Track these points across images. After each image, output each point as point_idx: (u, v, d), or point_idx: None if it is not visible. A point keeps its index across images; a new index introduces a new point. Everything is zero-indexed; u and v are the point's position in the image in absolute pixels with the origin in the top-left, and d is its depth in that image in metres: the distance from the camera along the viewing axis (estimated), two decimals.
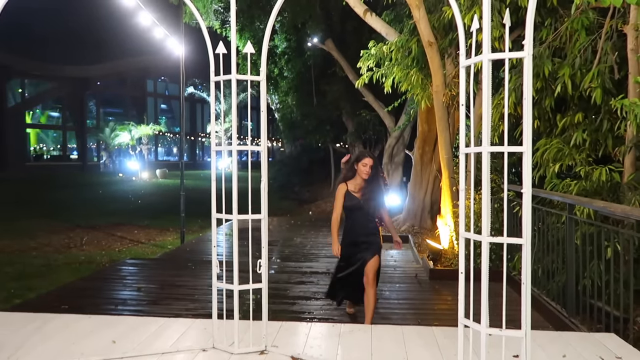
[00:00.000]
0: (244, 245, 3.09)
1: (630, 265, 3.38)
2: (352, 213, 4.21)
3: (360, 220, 4.17)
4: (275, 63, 17.21)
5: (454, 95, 6.44)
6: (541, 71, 4.79)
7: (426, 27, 6.19)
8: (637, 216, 3.15)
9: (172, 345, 3.12)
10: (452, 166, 6.67)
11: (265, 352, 3.03)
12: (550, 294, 4.45)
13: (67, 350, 3.03)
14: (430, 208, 9.99)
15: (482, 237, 2.38)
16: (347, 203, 4.16)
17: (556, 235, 4.41)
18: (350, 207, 4.20)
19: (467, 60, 2.50)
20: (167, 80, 42.69)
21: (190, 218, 10.02)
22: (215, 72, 3.02)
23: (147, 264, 6.92)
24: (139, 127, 28.08)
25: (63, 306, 4.36)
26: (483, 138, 2.36)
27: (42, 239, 9.97)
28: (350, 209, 4.20)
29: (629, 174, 4.21)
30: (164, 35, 9.53)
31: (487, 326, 2.35)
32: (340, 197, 4.19)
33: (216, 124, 16.86)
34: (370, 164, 4.10)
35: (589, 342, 3.24)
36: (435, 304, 4.95)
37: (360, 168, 4.12)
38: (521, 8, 5.01)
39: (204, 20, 3.33)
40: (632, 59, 4.14)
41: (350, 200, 4.17)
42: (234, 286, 3.02)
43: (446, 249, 6.59)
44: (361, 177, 4.14)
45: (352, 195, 4.16)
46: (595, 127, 4.68)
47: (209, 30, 9.93)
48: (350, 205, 4.18)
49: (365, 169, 4.10)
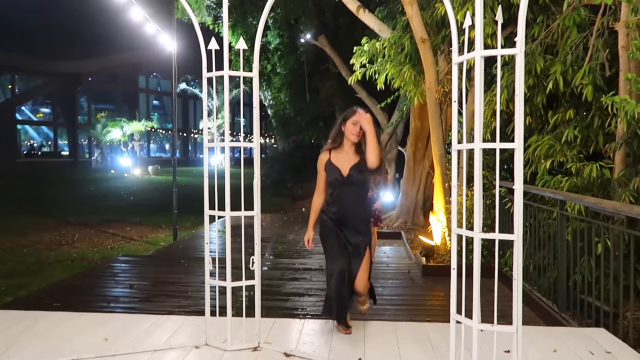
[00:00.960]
0: (236, 242, 3.09)
1: (620, 261, 3.41)
2: (335, 192, 3.26)
3: (345, 203, 3.24)
4: (268, 59, 17.16)
5: (447, 91, 6.46)
6: (533, 68, 4.81)
7: (419, 23, 6.19)
8: (627, 212, 3.18)
9: (164, 343, 3.12)
10: (444, 163, 6.70)
11: (259, 348, 3.03)
12: (541, 290, 4.49)
13: (58, 348, 3.01)
14: (422, 204, 10.02)
15: (474, 233, 2.39)
16: (329, 177, 3.25)
17: (547, 231, 4.44)
18: (332, 183, 3.25)
19: (459, 57, 2.50)
20: (159, 76, 42.43)
21: (182, 215, 9.97)
22: (208, 68, 3.01)
23: (139, 261, 6.89)
24: (131, 123, 27.90)
25: (54, 304, 4.34)
26: (475, 134, 2.37)
27: (33, 236, 9.89)
28: (332, 185, 3.26)
29: (619, 170, 4.24)
30: (156, 31, 9.46)
31: (479, 322, 2.37)
32: (320, 170, 3.30)
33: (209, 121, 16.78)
34: (362, 122, 3.14)
35: (579, 337, 3.28)
36: (427, 300, 4.98)
37: (349, 128, 3.18)
38: (513, 5, 5.02)
39: (196, 16, 3.32)
40: (623, 56, 4.16)
41: (332, 173, 3.22)
42: (227, 283, 3.02)
43: (438, 245, 6.62)
44: (350, 142, 3.21)
45: (334, 167, 3.22)
46: (586, 123, 4.71)
47: (201, 26, 9.87)
48: (332, 180, 3.23)
49: (354, 130, 3.16)
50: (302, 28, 15.20)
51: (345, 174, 3.19)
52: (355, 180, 3.20)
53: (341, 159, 3.23)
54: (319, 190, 3.35)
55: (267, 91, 18.41)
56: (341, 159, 3.23)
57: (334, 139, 3.28)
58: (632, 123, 3.83)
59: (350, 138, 3.20)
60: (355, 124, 3.15)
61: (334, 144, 3.27)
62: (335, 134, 3.28)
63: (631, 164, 4.23)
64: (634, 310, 3.34)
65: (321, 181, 3.32)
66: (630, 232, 3.24)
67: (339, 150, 3.26)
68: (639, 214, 3.06)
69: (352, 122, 3.16)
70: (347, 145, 3.24)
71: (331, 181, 3.25)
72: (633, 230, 3.27)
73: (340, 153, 3.26)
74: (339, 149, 3.26)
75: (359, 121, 3.14)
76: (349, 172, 3.18)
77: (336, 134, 3.27)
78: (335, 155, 3.26)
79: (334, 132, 3.29)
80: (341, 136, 3.24)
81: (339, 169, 3.21)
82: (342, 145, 3.25)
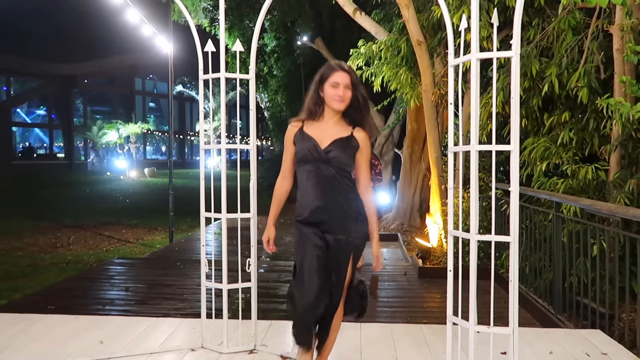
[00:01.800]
0: (233, 244, 3.08)
1: (615, 262, 3.43)
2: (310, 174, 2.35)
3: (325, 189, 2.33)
4: (265, 61, 17.16)
5: (443, 94, 6.47)
6: (529, 70, 4.83)
7: (415, 26, 6.21)
8: (622, 214, 3.19)
9: (160, 345, 3.10)
10: (440, 165, 6.71)
11: (255, 351, 3.02)
12: (537, 292, 4.50)
13: (53, 351, 3.00)
14: (419, 206, 10.03)
15: (471, 235, 2.39)
16: (300, 151, 2.37)
17: (543, 233, 4.45)
18: (304, 159, 2.36)
19: (455, 60, 2.51)
20: (155, 79, 42.36)
21: (179, 217, 9.95)
22: (204, 70, 3.01)
23: (135, 263, 6.86)
24: (127, 125, 27.83)
25: (49, 306, 4.31)
26: (471, 137, 2.38)
27: (28, 238, 9.84)
28: (304, 161, 2.36)
29: (615, 172, 4.26)
30: (152, 33, 9.45)
31: (476, 323, 2.37)
32: (287, 145, 2.44)
33: (205, 123, 16.78)
34: (345, 82, 2.33)
35: (575, 338, 3.28)
36: (424, 302, 4.98)
37: (329, 93, 2.34)
38: (509, 8, 5.05)
39: (192, 18, 3.31)
40: (618, 59, 4.19)
41: (304, 145, 2.35)
42: (223, 285, 3.01)
43: (435, 247, 6.62)
44: (332, 109, 2.36)
45: (307, 137, 2.35)
46: (581, 126, 4.73)
47: (198, 28, 9.85)
48: (304, 154, 2.35)
49: (337, 92, 2.33)
50: (298, 30, 15.22)
51: (324, 146, 2.32)
52: (337, 160, 2.31)
53: (319, 130, 2.36)
54: (284, 172, 2.48)
55: (263, 93, 18.42)
56: (319, 130, 2.36)
57: (312, 110, 2.39)
58: (627, 125, 3.85)
59: (333, 105, 2.34)
60: (336, 86, 2.33)
61: (311, 116, 2.40)
62: (313, 102, 2.39)
63: (626, 166, 4.25)
64: (629, 311, 3.35)
65: (288, 159, 2.44)
66: (626, 234, 3.25)
67: (313, 123, 2.40)
68: (634, 216, 3.07)
69: (331, 85, 2.33)
70: (329, 115, 2.38)
71: (302, 156, 2.34)
72: (628, 232, 3.28)
73: (319, 123, 2.39)
74: (314, 121, 2.40)
75: (339, 83, 2.32)
76: (328, 146, 2.31)
77: (314, 102, 2.39)
78: (311, 125, 2.39)
79: (311, 101, 2.40)
80: (320, 104, 2.38)
81: (314, 139, 2.33)
82: (322, 116, 2.39)
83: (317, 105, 2.40)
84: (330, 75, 2.36)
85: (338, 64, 2.40)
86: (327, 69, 2.39)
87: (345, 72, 2.36)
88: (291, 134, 2.42)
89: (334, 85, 2.34)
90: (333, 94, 2.34)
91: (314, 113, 2.40)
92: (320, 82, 2.39)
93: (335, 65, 2.40)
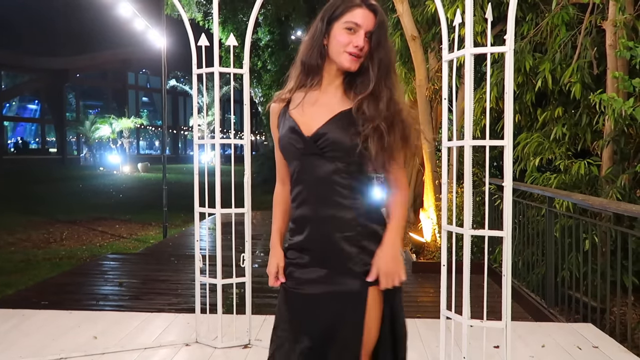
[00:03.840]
0: (227, 239, 3.08)
1: (607, 257, 3.46)
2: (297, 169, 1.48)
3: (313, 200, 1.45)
4: (259, 56, 17.10)
5: (437, 89, 6.47)
6: (522, 66, 4.84)
7: (409, 21, 6.20)
8: (614, 209, 3.22)
9: (154, 340, 3.10)
10: (434, 160, 6.72)
11: (249, 346, 3.03)
12: (530, 286, 4.53)
13: (47, 346, 2.99)
14: (413, 202, 10.05)
15: (464, 230, 2.41)
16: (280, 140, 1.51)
17: (536, 227, 4.48)
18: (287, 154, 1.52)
19: (449, 55, 2.51)
20: (148, 73, 42.13)
21: (173, 212, 9.92)
22: (198, 64, 2.99)
23: (129, 258, 6.84)
24: (120, 120, 27.69)
25: (42, 302, 4.29)
26: (465, 132, 2.39)
27: (20, 234, 9.78)
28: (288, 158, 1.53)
29: (607, 167, 4.29)
30: (145, 27, 9.38)
31: (469, 318, 2.39)
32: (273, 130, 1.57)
33: (199, 117, 16.70)
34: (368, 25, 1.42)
35: (567, 332, 3.32)
36: (417, 296, 5.00)
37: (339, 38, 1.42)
38: (503, 3, 5.05)
39: (186, 12, 3.29)
40: (610, 55, 4.20)
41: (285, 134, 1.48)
42: (218, 280, 3.01)
43: (429, 242, 6.65)
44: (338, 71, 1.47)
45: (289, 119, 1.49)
46: (574, 121, 4.76)
47: (192, 22, 9.80)
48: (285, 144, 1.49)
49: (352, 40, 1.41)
50: (292, 25, 15.19)
51: (310, 131, 1.44)
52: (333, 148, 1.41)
53: (309, 106, 1.48)
54: (280, 175, 1.63)
55: (257, 88, 18.36)
56: (309, 106, 1.48)
57: (311, 67, 1.48)
58: (620, 121, 3.87)
59: (342, 61, 1.44)
60: (353, 31, 1.42)
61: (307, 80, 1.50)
62: (314, 54, 1.47)
63: (618, 161, 4.28)
64: (620, 305, 3.38)
65: (279, 156, 1.59)
66: (617, 229, 3.27)
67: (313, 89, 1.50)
68: (625, 211, 3.10)
69: (346, 26, 1.42)
70: (329, 78, 1.48)
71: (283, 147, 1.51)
72: (620, 227, 3.31)
73: (310, 95, 1.49)
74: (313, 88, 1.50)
75: (360, 25, 1.42)
76: (319, 129, 1.43)
77: (315, 55, 1.47)
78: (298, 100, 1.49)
79: (309, 52, 1.48)
80: (320, 63, 1.47)
81: (295, 122, 1.47)
82: (320, 82, 1.49)
83: (313, 65, 1.47)
84: (347, 10, 1.43)
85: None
86: (344, 1, 1.44)
87: (372, 10, 1.43)
88: (274, 116, 1.56)
89: (349, 28, 1.42)
90: (346, 42, 1.42)
91: (313, 72, 1.48)
92: (329, 20, 1.45)
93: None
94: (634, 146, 4.27)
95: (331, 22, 1.45)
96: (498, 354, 2.86)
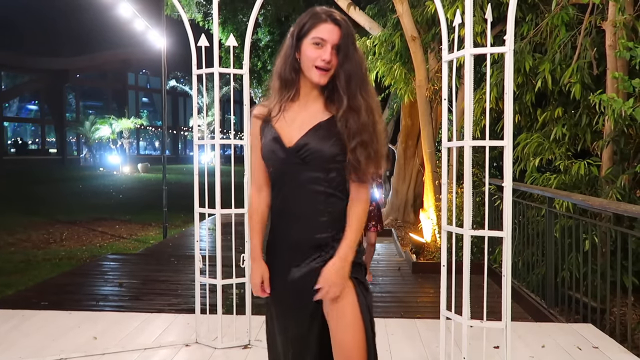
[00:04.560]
0: (227, 240, 3.08)
1: (607, 257, 3.46)
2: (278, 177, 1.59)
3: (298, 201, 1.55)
4: (259, 56, 17.09)
5: (437, 89, 6.48)
6: (522, 66, 4.84)
7: (409, 21, 6.20)
8: (614, 209, 3.22)
9: (154, 341, 3.10)
10: (434, 160, 6.72)
11: (249, 346, 3.03)
12: (530, 286, 4.53)
13: (46, 346, 2.99)
14: (413, 202, 10.06)
15: (464, 230, 2.41)
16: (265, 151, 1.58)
17: (536, 228, 4.48)
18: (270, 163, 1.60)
19: (449, 55, 2.51)
20: (148, 73, 42.13)
21: (173, 213, 9.92)
22: (198, 65, 2.99)
23: (128, 259, 6.84)
24: (120, 120, 27.70)
25: (42, 302, 4.29)
26: (465, 132, 2.39)
27: (20, 234, 9.78)
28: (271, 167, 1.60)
29: (607, 167, 4.29)
30: (145, 27, 9.38)
31: (469, 318, 2.39)
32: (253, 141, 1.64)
33: (199, 118, 16.70)
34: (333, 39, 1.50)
35: (567, 332, 3.32)
36: (417, 296, 5.00)
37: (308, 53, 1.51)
38: (503, 4, 5.05)
39: (185, 13, 3.30)
40: (610, 55, 4.21)
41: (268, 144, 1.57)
42: (217, 281, 3.01)
43: (429, 242, 6.65)
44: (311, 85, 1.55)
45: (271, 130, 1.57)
46: (574, 121, 4.76)
47: (191, 22, 9.81)
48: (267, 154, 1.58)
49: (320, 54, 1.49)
50: (292, 25, 15.18)
51: (291, 142, 1.52)
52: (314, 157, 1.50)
53: (290, 118, 1.56)
54: (257, 182, 1.66)
55: (257, 88, 18.35)
56: (290, 118, 1.56)
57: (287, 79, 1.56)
58: (619, 121, 3.87)
59: (312, 75, 1.51)
60: (320, 45, 1.49)
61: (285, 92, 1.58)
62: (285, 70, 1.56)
63: (618, 161, 4.28)
64: (620, 306, 3.38)
65: (257, 164, 1.64)
66: (617, 229, 3.27)
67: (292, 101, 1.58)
68: (625, 211, 3.10)
69: (313, 41, 1.50)
70: (306, 90, 1.56)
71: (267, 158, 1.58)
72: (620, 227, 3.31)
73: (290, 106, 1.58)
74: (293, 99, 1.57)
75: (326, 40, 1.49)
76: (300, 139, 1.51)
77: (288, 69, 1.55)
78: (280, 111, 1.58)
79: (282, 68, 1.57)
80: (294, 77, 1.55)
81: (278, 133, 1.55)
82: (297, 94, 1.57)
83: (289, 78, 1.55)
84: (314, 27, 1.50)
85: (327, 12, 1.54)
86: (310, 18, 1.53)
87: (337, 24, 1.50)
88: (256, 127, 1.62)
89: (316, 43, 1.49)
90: (314, 57, 1.49)
91: (289, 86, 1.56)
92: (297, 37, 1.54)
93: (323, 13, 1.53)
94: (633, 146, 4.28)
95: (300, 39, 1.54)
96: (498, 354, 2.86)
